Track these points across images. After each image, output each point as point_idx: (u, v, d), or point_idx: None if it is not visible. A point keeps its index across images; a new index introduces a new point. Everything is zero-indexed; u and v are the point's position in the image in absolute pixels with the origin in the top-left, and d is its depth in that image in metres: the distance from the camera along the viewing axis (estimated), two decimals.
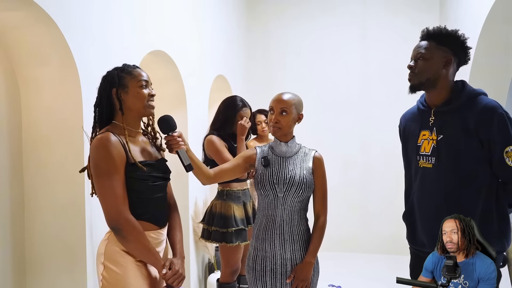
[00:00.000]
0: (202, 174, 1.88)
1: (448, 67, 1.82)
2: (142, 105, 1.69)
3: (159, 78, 3.17)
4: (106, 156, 1.58)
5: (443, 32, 1.83)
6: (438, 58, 1.82)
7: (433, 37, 1.84)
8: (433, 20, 4.81)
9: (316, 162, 1.96)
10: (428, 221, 1.88)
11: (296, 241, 1.92)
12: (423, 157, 1.88)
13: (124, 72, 1.70)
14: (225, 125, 2.83)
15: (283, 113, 1.90)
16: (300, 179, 1.90)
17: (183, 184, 3.34)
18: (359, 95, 5.15)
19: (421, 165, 1.89)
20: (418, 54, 1.85)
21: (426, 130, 1.88)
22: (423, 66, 1.83)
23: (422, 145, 1.89)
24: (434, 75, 1.82)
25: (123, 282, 1.61)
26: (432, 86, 1.85)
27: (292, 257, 1.91)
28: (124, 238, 1.60)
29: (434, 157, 1.84)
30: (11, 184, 2.08)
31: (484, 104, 1.76)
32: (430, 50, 1.82)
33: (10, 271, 2.07)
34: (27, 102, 2.12)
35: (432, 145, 1.84)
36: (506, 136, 1.73)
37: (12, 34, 2.00)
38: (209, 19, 4.00)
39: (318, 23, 5.23)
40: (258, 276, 1.94)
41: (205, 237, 2.87)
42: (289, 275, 1.90)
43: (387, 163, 4.99)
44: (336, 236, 5.09)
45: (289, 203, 1.90)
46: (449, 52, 1.82)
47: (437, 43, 1.83)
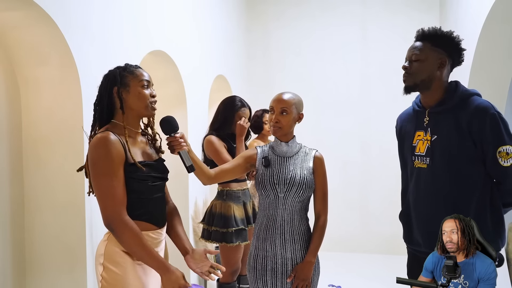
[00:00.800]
0: (203, 174, 1.88)
1: (442, 68, 1.83)
2: (143, 105, 1.69)
3: (159, 78, 3.17)
4: (106, 156, 1.58)
5: (438, 33, 1.83)
6: (432, 60, 1.82)
7: (428, 38, 1.84)
8: (433, 20, 4.81)
9: (317, 162, 1.97)
10: (423, 221, 1.89)
11: (296, 241, 1.92)
12: (418, 157, 1.89)
13: (126, 71, 1.69)
14: (224, 125, 2.83)
15: (283, 113, 1.90)
16: (300, 179, 1.90)
17: (183, 184, 3.34)
18: (359, 95, 5.15)
19: (416, 165, 1.90)
20: (413, 55, 1.85)
21: (421, 131, 1.89)
22: (418, 67, 1.83)
23: (417, 145, 1.89)
24: (428, 77, 1.82)
25: (122, 283, 1.60)
26: (426, 87, 1.85)
27: (293, 256, 1.92)
28: (120, 238, 1.59)
29: (428, 158, 1.84)
30: (11, 184, 2.08)
31: (477, 105, 1.77)
32: (425, 51, 1.82)
33: (10, 271, 2.07)
34: (27, 102, 2.12)
35: (427, 145, 1.85)
36: (498, 136, 1.73)
37: (12, 34, 2.00)
38: (209, 19, 4.00)
39: (318, 23, 5.23)
40: (259, 275, 1.94)
41: (205, 237, 2.87)
42: (289, 274, 1.91)
43: (386, 163, 4.98)
44: (336, 236, 5.09)
45: (289, 203, 1.91)
46: (444, 54, 1.82)
47: (432, 44, 1.82)
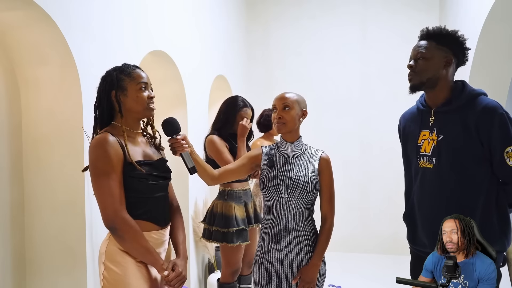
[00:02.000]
0: (206, 175, 1.87)
1: (448, 67, 1.82)
2: (141, 108, 1.69)
3: (159, 78, 3.17)
4: (103, 156, 1.58)
5: (443, 32, 1.83)
6: (438, 58, 1.81)
7: (433, 37, 1.84)
8: (433, 20, 4.82)
9: (323, 163, 1.94)
10: (428, 221, 1.87)
11: (302, 242, 1.90)
12: (424, 157, 1.87)
13: (123, 73, 1.68)
14: (226, 125, 2.83)
15: (285, 109, 1.89)
16: (304, 181, 1.88)
17: (183, 184, 3.35)
18: (359, 95, 5.15)
19: (422, 165, 1.89)
20: (419, 53, 1.84)
21: (426, 130, 1.87)
22: (423, 66, 1.82)
23: (423, 145, 1.88)
24: (434, 75, 1.81)
25: (123, 283, 1.60)
26: (432, 86, 1.84)
27: (298, 258, 1.90)
28: (121, 237, 1.60)
29: (434, 157, 1.83)
30: (11, 184, 2.08)
31: (485, 105, 1.75)
32: (431, 50, 1.82)
33: (10, 271, 2.07)
34: (27, 102, 2.12)
35: (433, 145, 1.84)
36: (506, 136, 1.72)
37: (12, 34, 2.00)
38: (209, 19, 4.00)
39: (318, 23, 5.23)
40: (263, 276, 1.93)
41: (206, 237, 2.87)
42: (294, 276, 1.89)
43: (387, 163, 4.99)
44: (336, 236, 5.06)
45: (294, 204, 1.88)
46: (449, 52, 1.81)
47: (437, 43, 1.82)
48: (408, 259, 2.07)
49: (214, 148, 2.73)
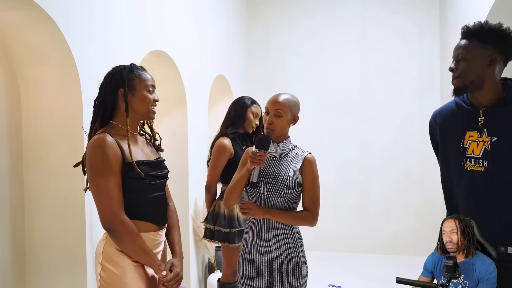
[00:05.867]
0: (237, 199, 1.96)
1: (493, 66, 1.69)
2: (146, 109, 1.70)
3: (159, 78, 3.16)
4: (102, 157, 1.58)
5: (484, 28, 1.69)
6: (481, 58, 1.69)
7: (474, 35, 1.71)
8: (433, 20, 4.82)
9: (306, 164, 1.94)
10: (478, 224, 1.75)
11: (280, 240, 1.92)
12: (472, 159, 1.75)
13: (133, 73, 1.69)
14: (237, 121, 2.86)
15: (277, 116, 1.90)
16: (283, 180, 1.90)
17: (183, 184, 3.34)
18: (359, 95, 5.15)
19: (468, 168, 1.76)
20: (459, 55, 1.72)
21: (474, 131, 1.75)
22: (465, 68, 1.71)
23: (470, 147, 1.76)
24: (479, 76, 1.70)
25: (120, 283, 1.61)
26: (478, 88, 1.73)
27: (278, 255, 1.92)
28: (119, 239, 1.60)
29: (486, 160, 1.71)
30: (11, 184, 2.08)
31: None
32: (472, 50, 1.70)
33: (10, 271, 2.07)
34: (27, 102, 2.12)
35: (483, 147, 1.72)
36: None
37: (12, 34, 2.00)
38: (209, 19, 4.00)
39: (318, 23, 5.23)
40: (246, 272, 1.97)
41: (207, 236, 2.88)
42: (275, 272, 1.91)
43: (387, 163, 4.98)
44: (336, 236, 5.09)
45: (272, 202, 1.91)
46: (494, 50, 1.68)
47: (479, 41, 1.69)
48: (408, 259, 2.06)
49: (214, 157, 2.77)
